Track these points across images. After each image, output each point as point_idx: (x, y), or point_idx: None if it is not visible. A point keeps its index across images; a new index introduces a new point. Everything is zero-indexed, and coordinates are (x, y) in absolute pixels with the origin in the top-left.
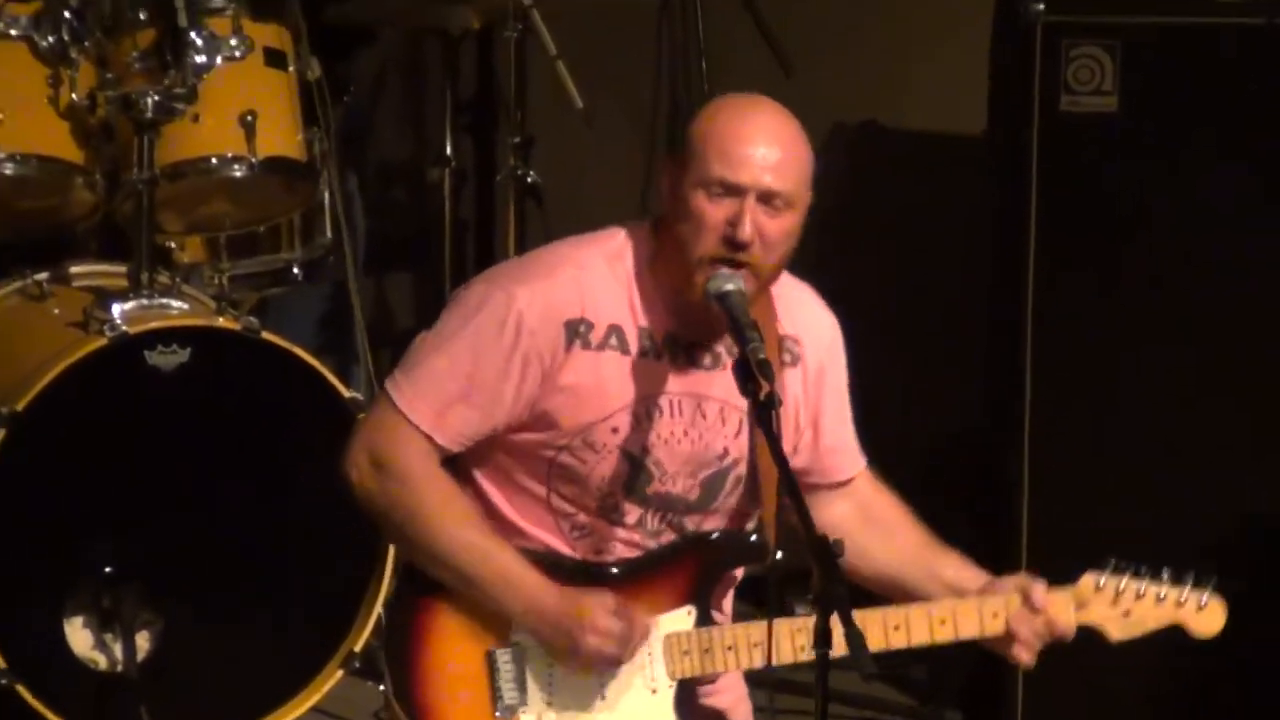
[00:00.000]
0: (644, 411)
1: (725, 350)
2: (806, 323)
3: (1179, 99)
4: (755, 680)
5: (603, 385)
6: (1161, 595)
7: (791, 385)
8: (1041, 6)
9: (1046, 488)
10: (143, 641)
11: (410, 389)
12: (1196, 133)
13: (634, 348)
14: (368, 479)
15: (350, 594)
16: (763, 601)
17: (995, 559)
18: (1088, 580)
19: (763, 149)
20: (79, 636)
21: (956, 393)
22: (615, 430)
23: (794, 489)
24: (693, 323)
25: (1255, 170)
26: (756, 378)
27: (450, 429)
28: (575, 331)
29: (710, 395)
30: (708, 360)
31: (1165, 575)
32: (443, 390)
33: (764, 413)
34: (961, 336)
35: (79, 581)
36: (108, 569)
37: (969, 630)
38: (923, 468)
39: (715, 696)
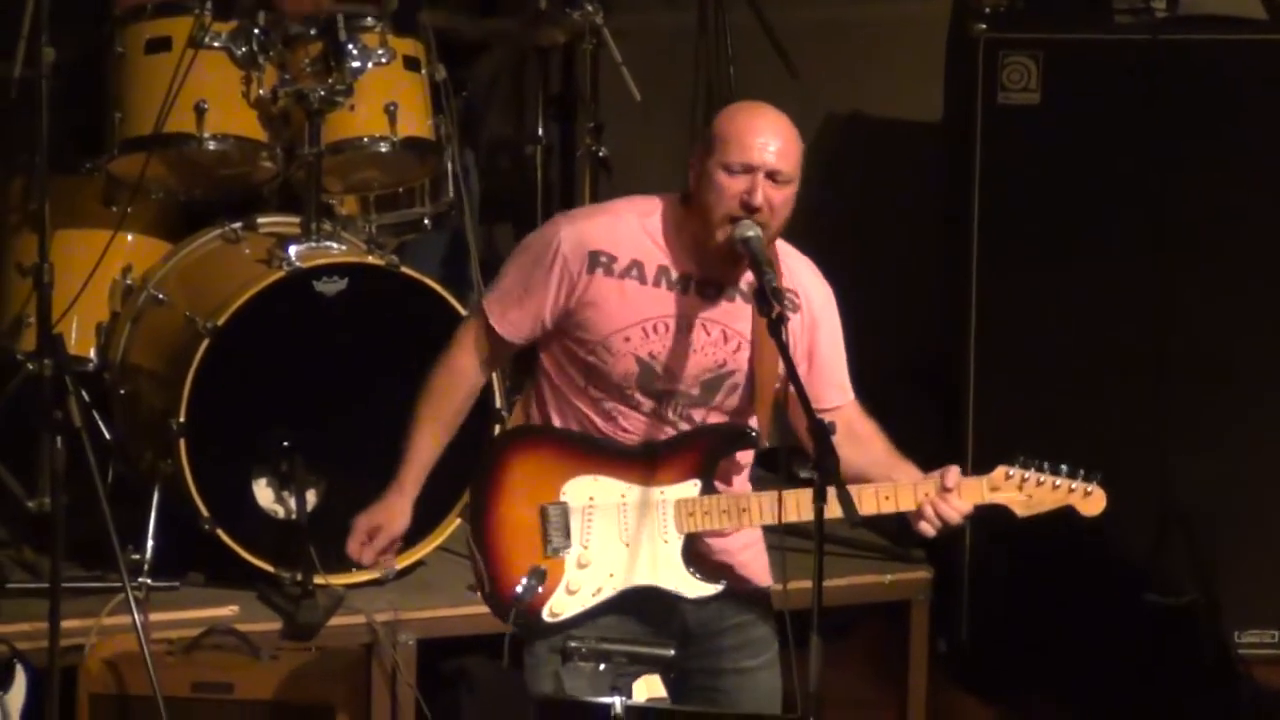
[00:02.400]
0: (652, 327)
1: (734, 289)
2: (805, 284)
3: (1086, 95)
4: (769, 526)
5: (620, 304)
6: (1057, 484)
7: (792, 325)
8: (984, 26)
9: (989, 397)
10: (310, 497)
11: (491, 294)
12: (1099, 119)
13: (650, 279)
14: (442, 351)
15: (464, 462)
16: (775, 468)
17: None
18: (1000, 470)
19: (770, 139)
20: (264, 493)
21: (920, 321)
22: (628, 339)
23: (797, 381)
24: (708, 266)
25: (1142, 147)
26: (771, 301)
27: (508, 322)
28: (597, 260)
29: (714, 319)
30: (718, 295)
31: (1063, 469)
32: (508, 296)
33: (776, 326)
34: (923, 275)
35: (264, 452)
36: (285, 443)
37: (906, 504)
38: (890, 383)
39: (729, 554)
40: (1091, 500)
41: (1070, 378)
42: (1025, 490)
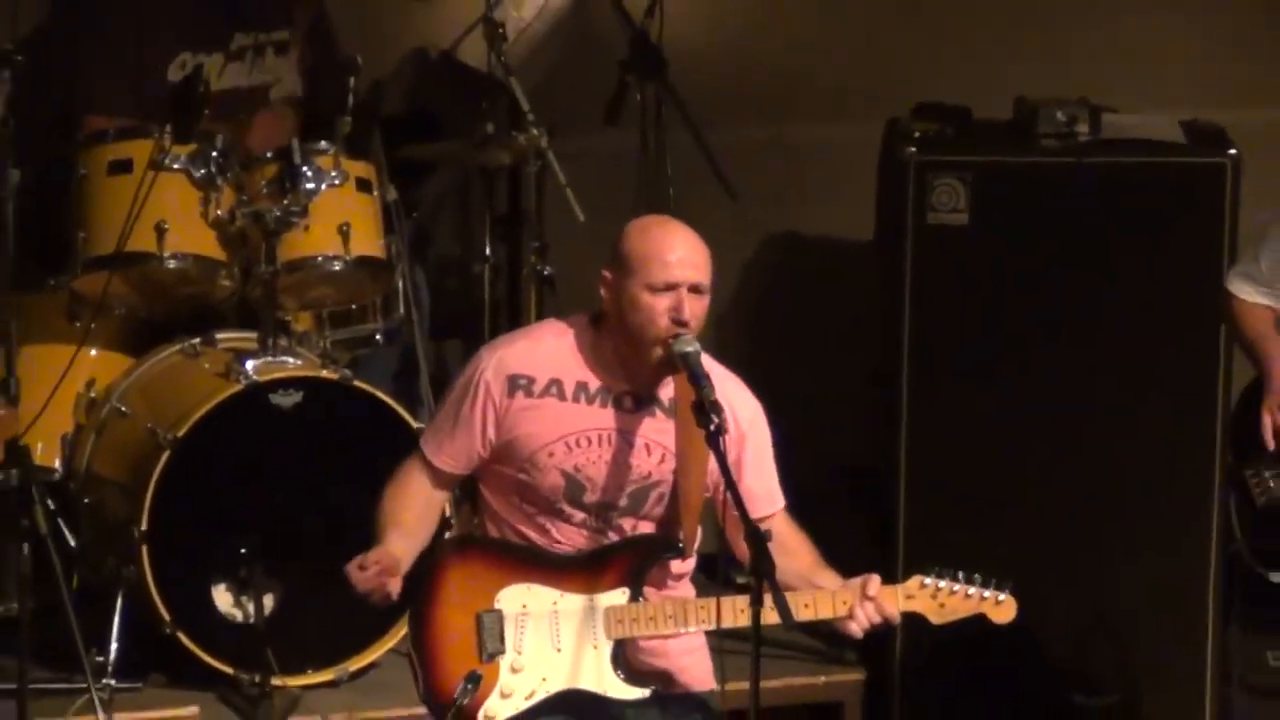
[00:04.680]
0: (575, 441)
1: (655, 403)
2: (733, 400)
3: (1012, 215)
4: (709, 630)
5: (542, 422)
6: (969, 593)
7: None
8: (914, 149)
9: (919, 510)
10: (268, 602)
11: (427, 430)
12: (1025, 239)
13: (569, 395)
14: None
15: (417, 567)
16: (714, 574)
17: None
18: (915, 580)
19: (687, 254)
20: (223, 598)
21: (852, 437)
22: (552, 455)
23: (735, 490)
24: (631, 379)
25: (1067, 265)
26: (709, 414)
27: (443, 455)
28: (517, 384)
29: (636, 431)
30: (638, 408)
31: (976, 578)
32: (441, 430)
33: (714, 438)
34: (855, 391)
35: (222, 558)
36: (243, 549)
37: (825, 611)
38: (821, 497)
39: (667, 658)
40: (1002, 608)
41: (999, 489)
42: (939, 599)
